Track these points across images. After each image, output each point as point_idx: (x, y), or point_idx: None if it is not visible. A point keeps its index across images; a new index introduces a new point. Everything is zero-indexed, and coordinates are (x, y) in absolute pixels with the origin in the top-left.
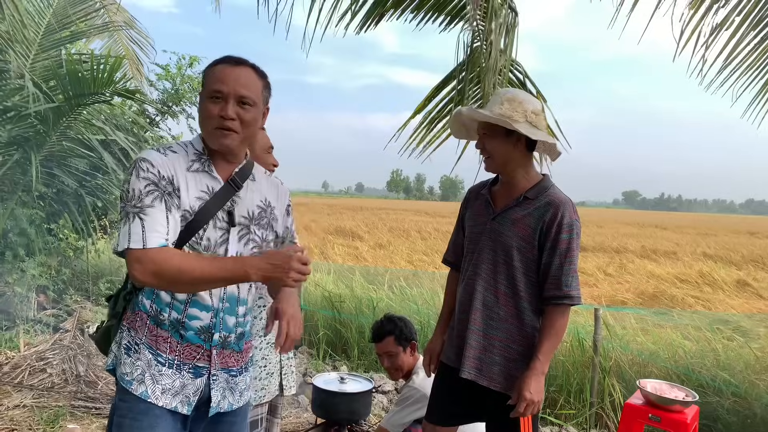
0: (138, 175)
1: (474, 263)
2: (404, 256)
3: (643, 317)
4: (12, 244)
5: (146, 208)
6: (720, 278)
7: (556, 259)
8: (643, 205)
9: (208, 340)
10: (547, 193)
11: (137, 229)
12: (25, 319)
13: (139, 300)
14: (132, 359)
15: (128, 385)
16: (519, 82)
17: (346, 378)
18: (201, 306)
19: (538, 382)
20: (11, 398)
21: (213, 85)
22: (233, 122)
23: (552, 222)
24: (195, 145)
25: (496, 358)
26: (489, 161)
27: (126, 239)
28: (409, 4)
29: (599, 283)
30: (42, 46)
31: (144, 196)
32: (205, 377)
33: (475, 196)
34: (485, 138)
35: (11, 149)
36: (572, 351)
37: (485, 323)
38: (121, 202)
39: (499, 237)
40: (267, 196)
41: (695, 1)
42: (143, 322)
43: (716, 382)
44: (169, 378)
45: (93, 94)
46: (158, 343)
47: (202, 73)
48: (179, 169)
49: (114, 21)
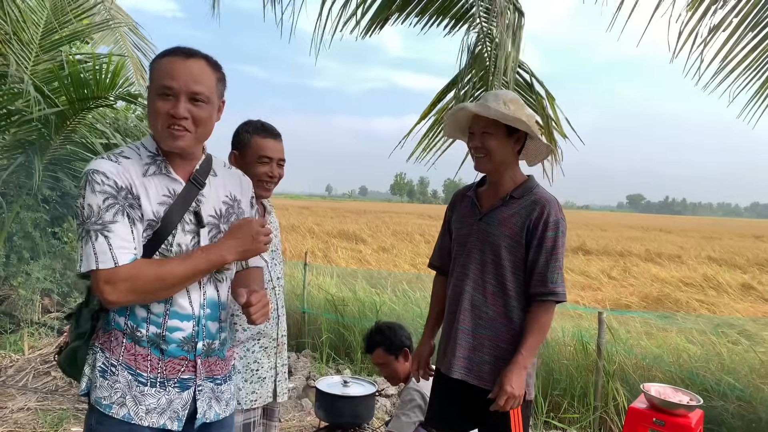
0: (93, 189)
1: (462, 264)
2: (407, 259)
3: (648, 321)
4: (17, 248)
5: (109, 224)
6: (725, 282)
7: (542, 257)
8: (647, 208)
9: (191, 350)
10: (533, 192)
11: (103, 248)
12: (30, 322)
13: (111, 318)
14: (109, 382)
15: (107, 409)
16: (526, 82)
17: (349, 381)
18: (181, 316)
19: (519, 376)
20: (15, 401)
21: (162, 81)
22: (185, 121)
23: (538, 220)
24: (147, 147)
25: (486, 357)
26: (485, 160)
27: (92, 260)
28: (414, 8)
29: (603, 286)
30: (42, 47)
31: (104, 212)
32: (192, 389)
33: (460, 198)
34: (486, 137)
35: (15, 153)
36: (576, 355)
37: (474, 323)
38: (77, 220)
39: (487, 237)
40: (231, 190)
41: (693, 3)
42: (119, 342)
43: (721, 386)
44: (153, 397)
45: (96, 98)
46: (137, 362)
47: (149, 66)
48: (135, 175)
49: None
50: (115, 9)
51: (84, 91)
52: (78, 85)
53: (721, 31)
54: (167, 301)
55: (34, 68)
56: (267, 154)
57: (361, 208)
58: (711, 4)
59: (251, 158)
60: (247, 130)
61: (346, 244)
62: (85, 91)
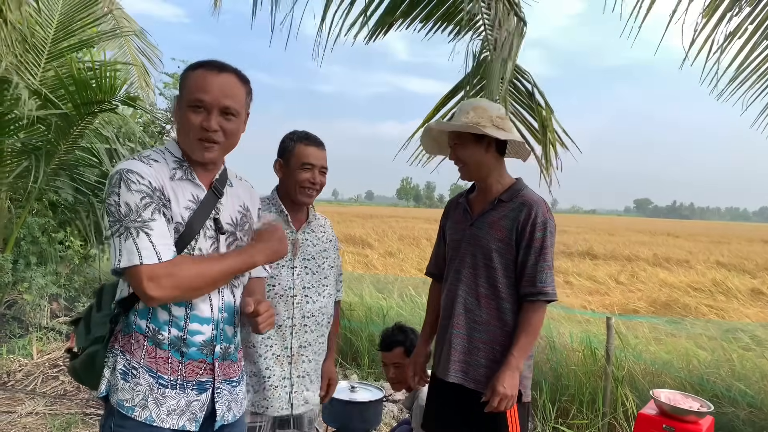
0: (129, 188)
1: (456, 269)
2: (414, 264)
3: (656, 326)
4: (25, 253)
5: (148, 221)
6: (734, 287)
7: (531, 257)
8: (654, 212)
9: (210, 353)
10: (521, 195)
11: (145, 244)
12: (38, 326)
13: (132, 321)
14: (131, 384)
15: (129, 411)
16: (527, 91)
17: (356, 387)
18: (201, 319)
19: (512, 377)
20: (24, 405)
21: (195, 94)
22: (216, 134)
23: (526, 221)
24: (173, 152)
25: (482, 360)
26: (464, 170)
27: (134, 255)
28: (418, 14)
29: (611, 291)
30: (51, 54)
31: (142, 210)
32: (209, 391)
33: (454, 206)
34: (457, 148)
35: (22, 158)
36: (584, 360)
37: (468, 326)
38: (110, 218)
39: (478, 241)
40: (245, 201)
41: (708, 9)
42: (140, 345)
43: (731, 392)
44: (173, 399)
45: (99, 102)
46: (158, 365)
47: (180, 77)
48: (165, 179)
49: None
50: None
51: (87, 94)
52: (81, 87)
53: (736, 38)
54: (188, 305)
55: (44, 74)
56: (310, 161)
57: (367, 213)
58: (726, 12)
59: (295, 165)
60: (291, 138)
61: (353, 248)
62: (88, 94)
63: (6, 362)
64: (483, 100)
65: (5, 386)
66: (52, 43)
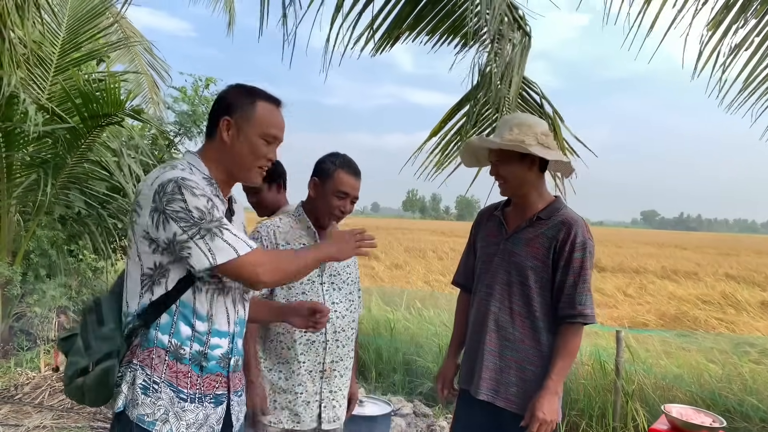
0: (194, 194)
1: (487, 284)
2: (421, 276)
3: (666, 339)
4: (34, 265)
5: (222, 220)
6: (744, 299)
7: (570, 278)
8: (662, 224)
9: (226, 366)
10: (560, 213)
11: (232, 239)
12: (46, 339)
13: (153, 336)
14: (152, 399)
15: (150, 426)
16: (536, 103)
17: (364, 401)
18: (220, 333)
19: (551, 402)
20: (31, 419)
21: (270, 129)
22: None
23: (565, 241)
24: (199, 168)
25: (513, 378)
26: (504, 186)
27: (229, 250)
28: (424, 27)
29: (619, 304)
30: (58, 68)
31: (213, 211)
32: (224, 404)
33: (487, 217)
34: (499, 165)
35: (31, 171)
36: (594, 374)
37: (500, 344)
38: (183, 224)
39: (513, 257)
40: (242, 219)
41: (714, 22)
42: (161, 359)
43: (744, 407)
44: (192, 412)
45: (105, 115)
46: (178, 379)
47: (242, 102)
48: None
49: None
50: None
51: (93, 107)
52: (87, 101)
53: (743, 50)
54: (210, 320)
55: (51, 88)
56: (346, 190)
57: (373, 224)
58: (732, 24)
59: (330, 190)
60: (333, 161)
61: (359, 260)
62: (95, 107)
63: (14, 375)
64: (526, 115)
65: (13, 399)
66: (60, 56)
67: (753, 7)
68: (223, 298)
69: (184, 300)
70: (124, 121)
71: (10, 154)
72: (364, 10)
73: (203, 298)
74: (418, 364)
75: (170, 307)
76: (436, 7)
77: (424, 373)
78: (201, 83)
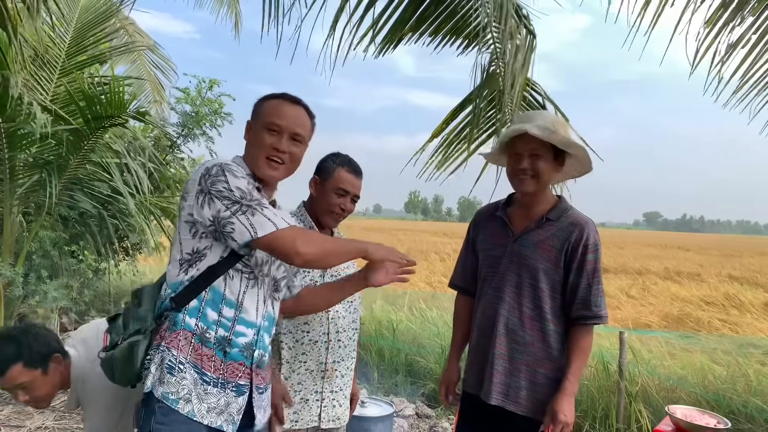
0: (235, 175)
1: (495, 287)
2: (423, 277)
3: (670, 341)
4: (36, 267)
5: (262, 200)
6: (747, 300)
7: (584, 280)
8: (664, 226)
9: (249, 357)
10: (569, 214)
11: (271, 215)
12: None
13: (181, 319)
14: (177, 378)
15: (174, 404)
16: (539, 103)
17: (366, 402)
18: (247, 323)
19: (569, 403)
20: (33, 420)
21: (271, 118)
22: (284, 155)
23: (578, 243)
24: (245, 168)
25: (522, 382)
26: (531, 181)
27: (268, 224)
28: (427, 28)
29: (622, 305)
30: (64, 70)
31: (253, 191)
32: (246, 395)
33: (487, 218)
34: (536, 159)
35: (34, 172)
36: (597, 375)
37: (510, 347)
38: (225, 201)
39: (523, 259)
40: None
41: (711, 20)
42: (188, 341)
43: (748, 408)
44: (214, 396)
45: (109, 117)
46: (203, 362)
47: (255, 104)
48: None
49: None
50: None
51: (97, 109)
52: (91, 102)
53: (740, 48)
54: (238, 308)
55: (56, 90)
56: (345, 188)
57: (375, 226)
58: (728, 22)
59: (330, 188)
60: (333, 160)
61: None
62: (98, 109)
63: None
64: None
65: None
66: (66, 58)
67: (750, 4)
68: (255, 289)
69: (215, 286)
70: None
71: (13, 155)
72: (366, 12)
73: (235, 285)
74: (421, 365)
75: (200, 293)
76: (438, 8)
77: (426, 374)
78: (204, 84)
